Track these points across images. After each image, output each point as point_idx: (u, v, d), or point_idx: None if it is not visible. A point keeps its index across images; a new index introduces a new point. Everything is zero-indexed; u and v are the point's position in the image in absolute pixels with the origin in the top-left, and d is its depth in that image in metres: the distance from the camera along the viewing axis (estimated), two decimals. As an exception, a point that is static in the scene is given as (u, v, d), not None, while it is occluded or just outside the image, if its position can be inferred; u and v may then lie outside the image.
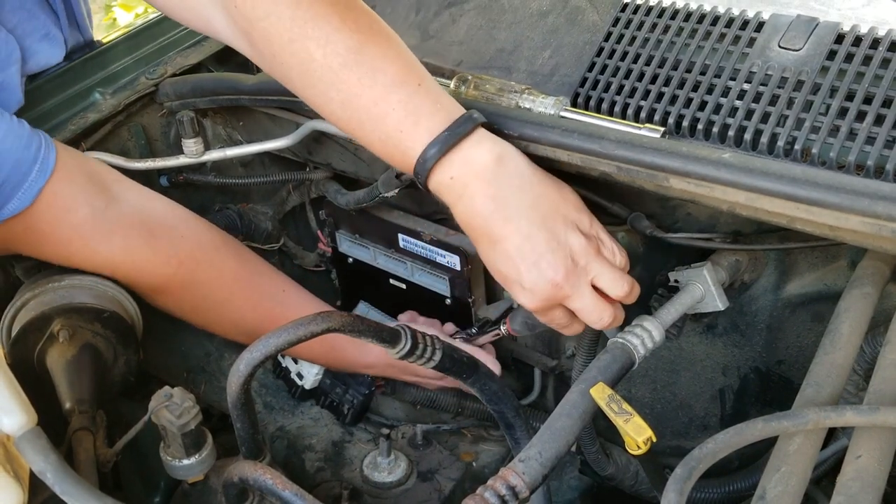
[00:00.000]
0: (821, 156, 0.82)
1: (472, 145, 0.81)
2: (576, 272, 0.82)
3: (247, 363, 0.79)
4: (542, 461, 0.74)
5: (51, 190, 0.89)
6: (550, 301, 0.83)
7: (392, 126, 0.81)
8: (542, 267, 0.80)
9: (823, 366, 0.79)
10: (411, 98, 0.81)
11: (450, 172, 0.81)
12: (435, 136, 0.80)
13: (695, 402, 1.15)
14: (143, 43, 1.20)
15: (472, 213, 0.81)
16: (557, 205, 0.82)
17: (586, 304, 0.83)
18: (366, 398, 1.17)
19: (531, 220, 0.80)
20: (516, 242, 0.80)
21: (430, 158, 0.80)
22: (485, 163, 0.80)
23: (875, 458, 0.68)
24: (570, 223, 0.82)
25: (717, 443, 0.71)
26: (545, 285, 0.81)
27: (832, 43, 0.86)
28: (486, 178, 0.80)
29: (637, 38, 0.96)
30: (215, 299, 1.02)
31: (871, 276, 0.87)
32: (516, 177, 0.81)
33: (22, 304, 0.96)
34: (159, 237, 0.98)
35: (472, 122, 0.81)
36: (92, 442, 0.85)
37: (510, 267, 0.82)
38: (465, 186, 0.81)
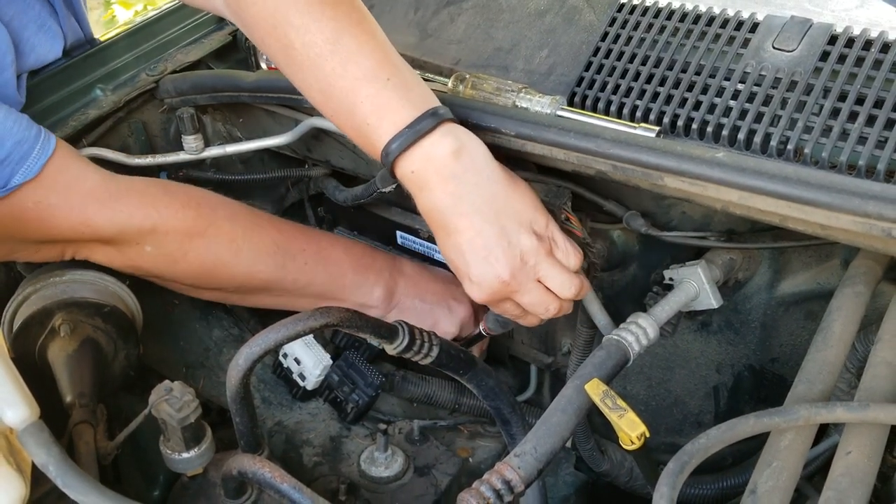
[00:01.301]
0: (813, 155, 0.82)
1: (433, 142, 0.83)
2: (524, 270, 0.85)
3: (246, 357, 0.80)
4: (537, 456, 0.75)
5: (56, 164, 0.91)
6: (497, 295, 0.87)
7: (360, 119, 0.84)
8: (490, 262, 0.84)
9: (815, 363, 0.80)
10: (379, 93, 0.83)
11: (411, 167, 0.84)
12: (397, 132, 0.82)
13: (689, 399, 1.16)
14: (143, 40, 1.21)
15: (431, 207, 0.84)
16: (512, 204, 0.85)
17: (534, 299, 0.87)
18: (371, 399, 1.17)
19: (484, 217, 0.83)
20: (468, 237, 0.83)
21: (392, 152, 0.83)
22: (444, 157, 0.83)
23: (865, 454, 0.69)
24: (524, 222, 0.85)
25: (710, 438, 0.72)
26: (492, 280, 0.84)
27: (825, 44, 0.87)
28: (443, 175, 0.83)
29: (633, 38, 0.97)
30: (245, 228, 1.02)
31: (863, 275, 0.87)
32: (473, 173, 0.84)
33: (24, 299, 0.96)
34: (171, 191, 1.01)
35: (437, 118, 0.83)
36: (92, 435, 0.86)
37: (461, 260, 0.85)
38: (425, 181, 0.83)
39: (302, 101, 1.06)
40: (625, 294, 1.11)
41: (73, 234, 0.95)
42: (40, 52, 1.07)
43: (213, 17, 1.28)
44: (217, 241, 1.00)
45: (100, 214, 0.94)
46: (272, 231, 1.05)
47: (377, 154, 0.85)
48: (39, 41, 1.06)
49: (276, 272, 1.04)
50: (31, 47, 1.05)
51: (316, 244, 1.07)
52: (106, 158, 1.08)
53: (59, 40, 1.09)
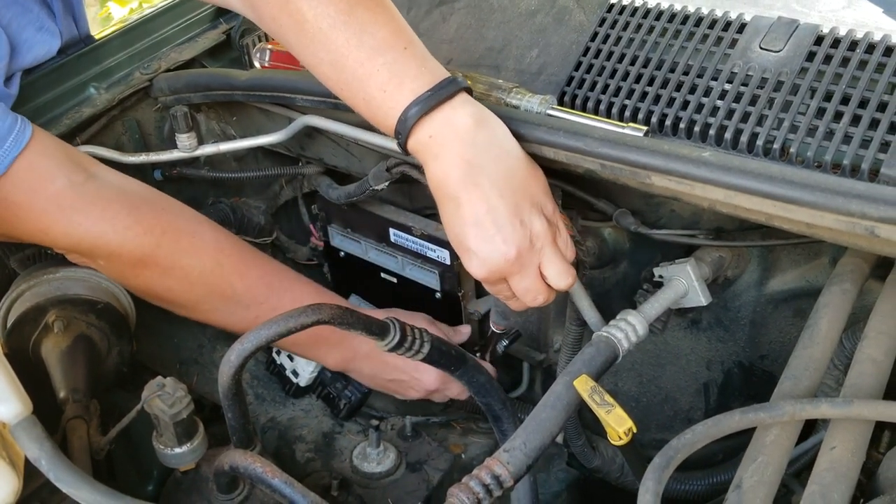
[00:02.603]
0: (799, 154, 0.83)
1: (455, 107, 0.81)
2: (530, 253, 0.82)
3: (238, 354, 0.80)
4: (526, 451, 0.76)
5: (26, 161, 0.89)
6: (498, 274, 0.84)
7: (376, 87, 0.82)
8: (497, 240, 0.81)
9: (801, 360, 0.81)
10: (396, 60, 0.82)
11: (429, 131, 0.81)
12: (417, 96, 0.80)
13: (680, 396, 1.17)
14: (137, 38, 1.21)
15: (444, 174, 0.81)
16: (528, 183, 0.83)
17: (529, 285, 0.85)
18: (364, 396, 1.18)
19: (500, 191, 0.80)
20: (478, 210, 0.80)
21: (411, 117, 0.80)
22: (465, 125, 0.81)
23: (849, 449, 0.70)
24: (536, 204, 0.83)
25: (696, 434, 0.73)
26: (497, 258, 0.81)
27: (811, 44, 0.88)
28: (464, 140, 0.81)
29: (622, 38, 0.98)
30: (202, 268, 0.99)
31: (850, 273, 0.88)
32: (494, 145, 0.82)
33: (17, 296, 0.97)
34: (140, 208, 0.96)
35: (456, 85, 0.82)
36: (86, 430, 0.86)
37: (467, 233, 0.82)
38: (441, 146, 0.81)
39: (295, 99, 1.06)
40: (615, 291, 1.11)
41: (32, 238, 0.94)
42: (38, 51, 1.07)
43: (208, 16, 1.29)
44: (171, 273, 0.97)
45: (57, 225, 0.92)
46: (233, 276, 1.01)
47: (391, 123, 0.82)
48: (37, 41, 1.06)
49: (226, 317, 1.03)
50: (29, 47, 1.05)
51: (276, 300, 1.02)
52: (100, 156, 1.09)
53: (56, 40, 1.09)
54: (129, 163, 1.13)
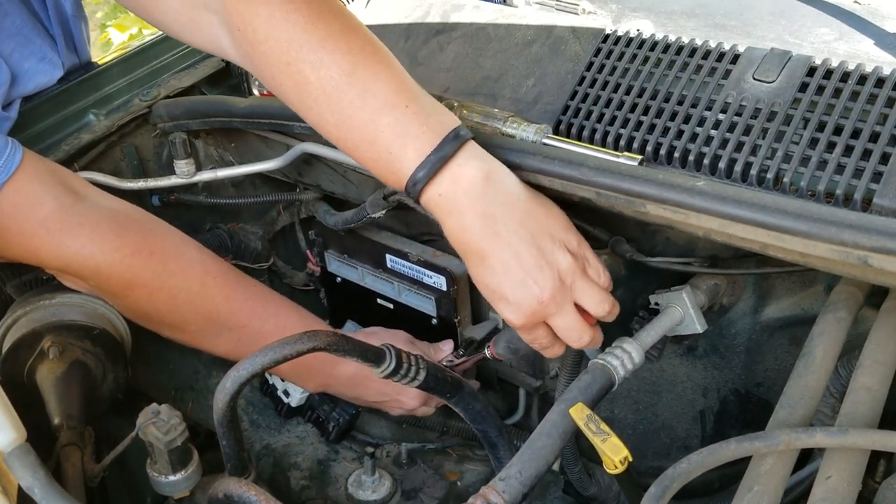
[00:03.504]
0: (792, 184, 0.84)
1: (460, 164, 0.82)
2: (562, 290, 0.83)
3: (233, 381, 0.80)
4: (522, 480, 0.75)
5: (14, 186, 0.89)
6: (535, 318, 0.84)
7: (382, 148, 0.83)
8: (528, 284, 0.82)
9: (797, 388, 0.81)
10: (399, 121, 0.83)
11: (438, 190, 0.82)
12: (424, 158, 0.81)
13: (676, 423, 1.17)
14: (137, 65, 1.22)
15: (462, 229, 0.83)
16: (546, 222, 0.84)
17: (569, 323, 0.85)
18: (352, 417, 1.18)
19: (520, 237, 0.82)
20: (505, 258, 0.82)
21: (419, 180, 0.82)
22: (473, 180, 0.82)
23: (845, 479, 0.70)
24: (559, 241, 0.84)
25: (691, 462, 0.73)
26: (531, 301, 0.82)
27: (804, 76, 0.89)
28: (474, 195, 0.82)
29: (618, 68, 0.99)
30: (189, 290, 0.99)
31: (845, 301, 0.89)
32: (504, 194, 0.83)
33: (13, 322, 0.97)
34: (128, 229, 0.96)
35: (460, 139, 0.83)
36: (80, 457, 0.86)
37: (497, 283, 0.83)
38: (454, 203, 0.82)
39: (293, 126, 1.07)
40: (611, 318, 1.12)
41: (22, 259, 0.95)
42: (39, 80, 1.08)
43: (207, 44, 1.30)
44: (158, 295, 0.98)
45: (47, 247, 0.92)
46: (218, 298, 1.01)
47: (401, 183, 0.83)
48: (39, 71, 1.07)
49: (210, 339, 1.03)
50: (31, 77, 1.06)
51: (259, 324, 1.03)
52: (98, 182, 1.09)
53: (58, 70, 1.10)
54: (127, 189, 1.14)
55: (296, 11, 0.85)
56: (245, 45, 0.89)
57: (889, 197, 0.78)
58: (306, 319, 1.10)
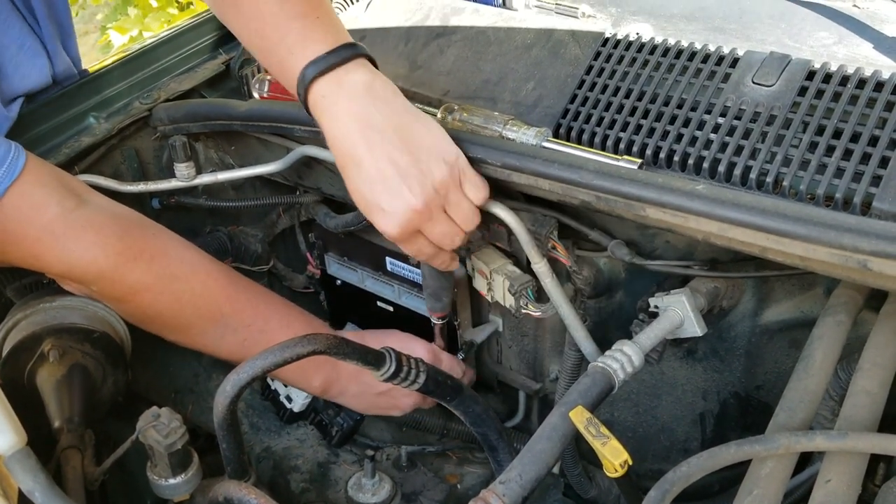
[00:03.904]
0: (791, 188, 0.84)
1: (349, 70, 0.87)
2: (436, 199, 0.87)
3: (233, 384, 0.80)
4: (522, 483, 0.76)
5: (18, 190, 0.90)
6: (410, 226, 0.87)
7: (286, 50, 0.89)
8: (403, 192, 0.85)
9: (796, 392, 0.81)
10: (306, 26, 0.89)
11: (322, 91, 0.87)
12: (314, 58, 0.87)
13: (676, 426, 1.17)
14: (137, 69, 1.22)
15: (339, 134, 0.86)
16: (422, 134, 0.87)
17: (442, 231, 0.89)
18: (356, 423, 1.17)
19: (395, 145, 0.85)
20: (380, 166, 0.85)
21: (307, 76, 0.87)
22: (355, 86, 0.86)
23: (844, 482, 0.70)
24: (435, 153, 0.87)
25: (691, 466, 0.73)
26: (405, 209, 0.85)
27: (803, 79, 0.89)
28: (354, 100, 0.86)
29: (617, 71, 0.99)
30: (192, 292, 1.00)
31: (844, 305, 0.89)
32: (385, 103, 0.87)
33: (13, 325, 0.97)
34: (131, 233, 0.97)
35: (354, 50, 0.88)
36: (80, 460, 0.86)
37: (371, 189, 0.86)
38: (334, 104, 0.86)
39: (293, 129, 1.07)
40: (611, 321, 1.12)
41: (25, 264, 0.95)
42: (24, 71, 1.08)
43: (207, 47, 1.30)
44: (162, 297, 0.98)
45: (51, 252, 0.93)
46: (221, 299, 1.02)
47: (294, 84, 0.88)
48: (21, 61, 1.08)
49: (214, 341, 1.03)
50: (15, 67, 1.06)
51: (263, 323, 1.04)
52: (98, 185, 1.09)
53: (41, 58, 1.10)
54: (127, 192, 1.14)
55: None
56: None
57: (888, 200, 0.78)
58: (309, 318, 1.11)
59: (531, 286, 1.01)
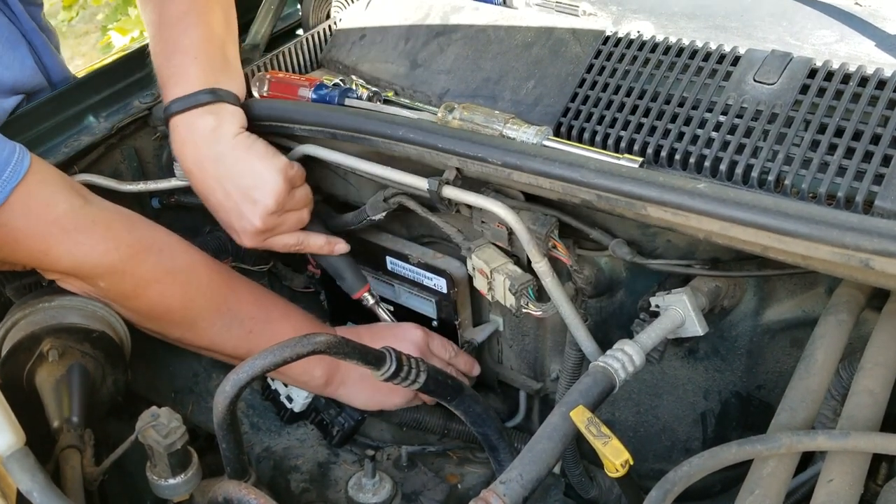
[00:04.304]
0: (794, 186, 0.84)
1: (199, 115, 1.02)
2: (275, 218, 1.05)
3: (233, 384, 0.80)
4: (522, 483, 0.75)
5: (25, 189, 0.90)
6: (262, 237, 1.07)
7: (165, 77, 1.05)
8: (243, 217, 1.04)
9: (798, 391, 0.81)
10: (184, 63, 1.03)
11: (173, 133, 1.04)
12: (176, 98, 1.02)
13: (677, 426, 1.16)
14: (136, 68, 1.22)
15: (187, 168, 1.05)
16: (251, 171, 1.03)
17: (293, 221, 1.08)
18: (357, 423, 1.17)
19: (224, 185, 1.03)
20: (218, 198, 1.04)
21: (169, 110, 1.03)
22: (200, 131, 1.02)
23: (846, 481, 0.70)
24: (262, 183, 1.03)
25: (692, 466, 0.73)
26: (251, 231, 1.05)
27: (805, 77, 0.89)
28: (194, 144, 1.02)
29: (618, 70, 0.99)
30: (199, 283, 1.03)
31: (846, 304, 0.89)
32: (226, 147, 1.02)
33: (12, 324, 0.97)
34: (139, 227, 1.01)
35: (213, 96, 1.02)
36: (79, 460, 0.86)
37: (221, 218, 1.07)
38: (182, 145, 1.03)
39: (294, 128, 1.07)
40: (612, 321, 1.11)
41: (33, 261, 0.95)
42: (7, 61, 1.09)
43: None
44: (171, 290, 1.01)
45: (60, 246, 0.94)
46: (226, 290, 1.06)
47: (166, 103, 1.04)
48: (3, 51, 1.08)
49: (221, 334, 1.05)
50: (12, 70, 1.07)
51: (266, 314, 1.08)
52: (98, 185, 1.09)
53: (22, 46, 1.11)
54: (126, 191, 1.13)
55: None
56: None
57: (891, 199, 0.78)
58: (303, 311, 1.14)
59: (532, 285, 1.01)
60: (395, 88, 1.14)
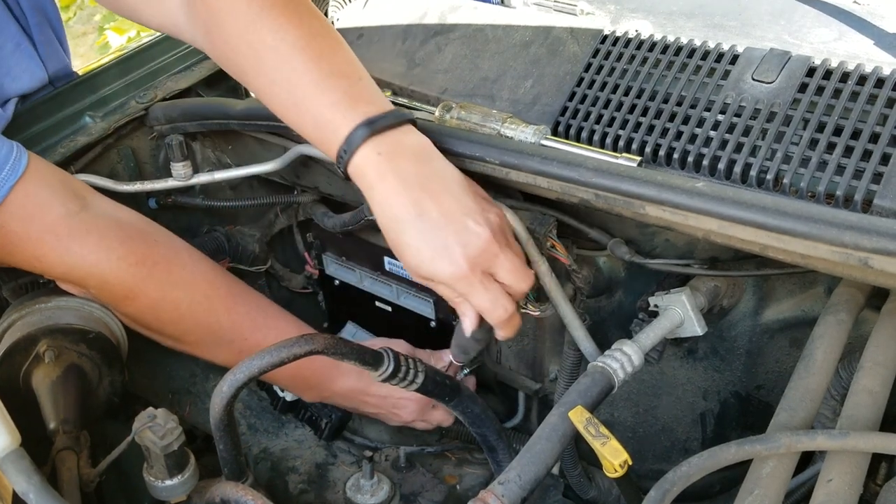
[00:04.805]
0: (792, 185, 0.84)
1: (403, 133, 0.86)
2: (501, 235, 0.85)
3: (230, 384, 0.80)
4: (521, 483, 0.75)
5: (23, 190, 0.89)
6: (480, 258, 0.83)
7: (328, 104, 0.86)
8: (470, 226, 0.83)
9: (797, 391, 0.80)
10: (352, 86, 0.87)
11: (378, 149, 0.84)
12: (368, 118, 0.84)
13: (676, 426, 1.16)
14: (133, 67, 1.22)
15: (399, 187, 0.83)
16: (468, 198, 0.85)
17: (513, 264, 0.85)
18: (344, 414, 1.17)
19: (453, 195, 0.84)
20: (446, 206, 0.83)
21: (359, 136, 0.84)
22: (413, 145, 0.86)
23: (846, 481, 0.70)
24: (480, 216, 0.84)
25: (691, 466, 0.73)
26: (477, 242, 0.83)
27: (804, 76, 0.88)
28: (414, 156, 0.85)
29: (616, 69, 0.98)
30: (191, 301, 1.00)
31: (845, 303, 0.88)
32: (440, 163, 0.86)
33: (8, 325, 0.96)
34: (134, 238, 0.97)
35: (405, 116, 0.87)
36: (76, 462, 0.85)
37: (438, 230, 0.83)
38: (391, 161, 0.84)
39: (291, 128, 1.07)
40: (611, 320, 1.11)
41: (25, 265, 0.95)
42: (17, 72, 1.08)
43: (204, 46, 1.30)
44: (161, 305, 0.99)
45: (53, 252, 0.92)
46: (221, 310, 1.02)
47: (338, 139, 0.85)
48: (16, 61, 1.07)
49: (210, 350, 1.04)
50: (7, 69, 1.06)
51: (261, 336, 1.03)
52: (94, 185, 1.09)
53: (35, 61, 1.10)
54: (123, 191, 1.13)
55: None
56: (203, 13, 0.92)
57: (889, 198, 0.78)
58: (305, 329, 1.10)
59: (530, 285, 1.00)
60: (392, 88, 1.14)
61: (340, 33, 0.94)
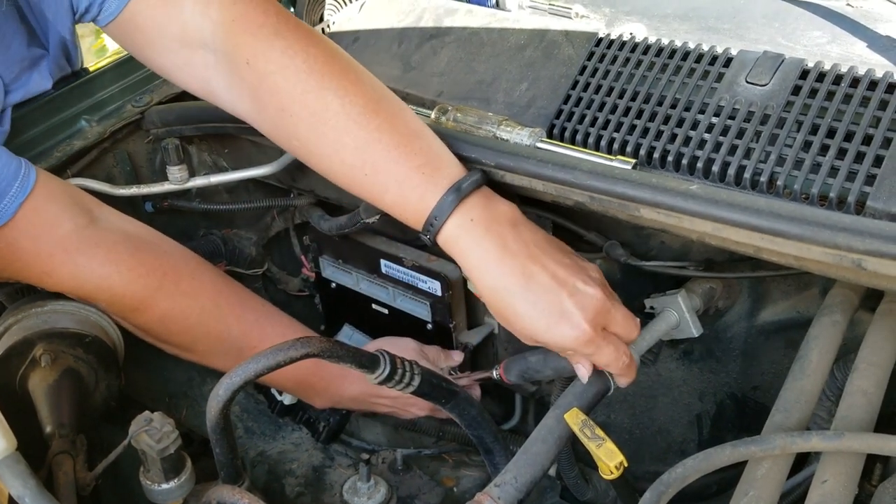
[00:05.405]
0: (786, 187, 0.84)
1: (486, 196, 0.83)
2: (607, 289, 0.83)
3: (226, 388, 0.79)
4: (517, 486, 0.75)
5: (32, 206, 0.89)
6: (599, 318, 0.80)
7: (412, 169, 0.82)
8: (581, 288, 0.80)
9: (792, 392, 0.81)
10: (431, 146, 0.84)
11: (469, 215, 0.81)
12: (454, 182, 0.82)
13: (673, 428, 1.16)
14: (129, 71, 1.22)
15: (500, 254, 0.80)
16: (566, 255, 0.84)
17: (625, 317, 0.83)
18: (342, 417, 1.17)
19: (554, 258, 0.81)
20: (551, 270, 0.80)
21: (449, 202, 0.81)
22: (504, 210, 0.83)
23: (841, 482, 0.70)
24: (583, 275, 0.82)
25: (686, 468, 0.73)
26: (593, 303, 0.80)
27: (797, 78, 0.89)
28: (508, 222, 0.82)
29: (611, 71, 0.99)
30: (201, 310, 1.00)
31: (840, 305, 0.89)
32: (530, 225, 0.84)
33: (4, 329, 0.96)
34: (142, 250, 0.98)
35: (485, 176, 0.85)
36: (72, 465, 0.85)
37: (552, 296, 0.79)
38: (486, 229, 0.81)
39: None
40: (607, 323, 1.11)
41: (35, 281, 0.95)
42: (30, 87, 1.08)
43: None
44: (171, 315, 0.99)
45: (63, 268, 0.93)
46: (230, 319, 1.02)
47: (426, 206, 0.82)
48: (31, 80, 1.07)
49: (220, 359, 1.04)
50: (22, 84, 1.06)
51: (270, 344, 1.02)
52: (91, 189, 1.09)
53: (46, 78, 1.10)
54: (119, 195, 1.13)
55: (314, 46, 0.87)
56: (252, 78, 0.89)
57: (883, 199, 0.78)
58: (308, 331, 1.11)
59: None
60: (388, 91, 1.14)
61: (336, 36, 0.94)
